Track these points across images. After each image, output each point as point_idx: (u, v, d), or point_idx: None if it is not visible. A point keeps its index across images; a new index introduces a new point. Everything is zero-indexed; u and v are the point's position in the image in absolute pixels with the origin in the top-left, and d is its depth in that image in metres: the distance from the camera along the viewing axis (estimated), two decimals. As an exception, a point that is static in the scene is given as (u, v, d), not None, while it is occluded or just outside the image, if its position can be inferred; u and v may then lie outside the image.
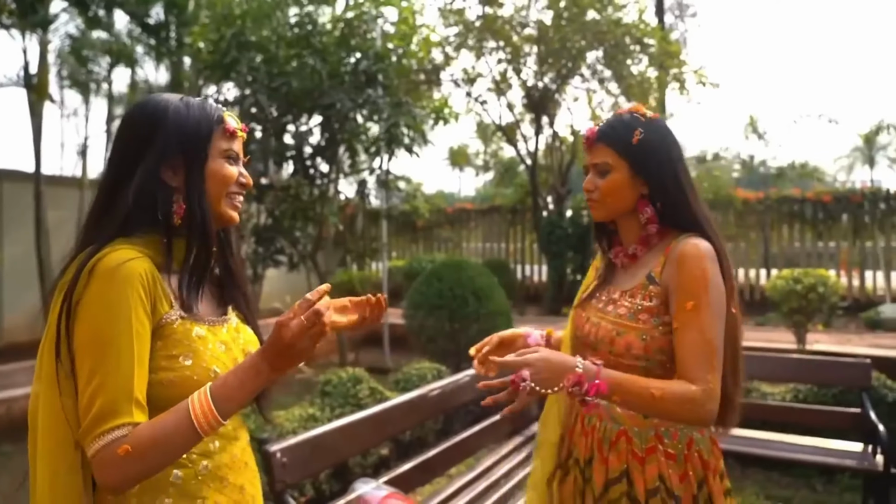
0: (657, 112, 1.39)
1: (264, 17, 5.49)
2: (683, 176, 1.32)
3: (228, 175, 1.10)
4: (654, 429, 1.30)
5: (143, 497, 1.00)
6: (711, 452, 1.33)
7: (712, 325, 1.22)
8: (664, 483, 1.27)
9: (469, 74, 10.73)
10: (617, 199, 1.34)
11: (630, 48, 9.26)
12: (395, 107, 5.69)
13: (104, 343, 0.95)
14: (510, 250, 11.70)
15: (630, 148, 1.31)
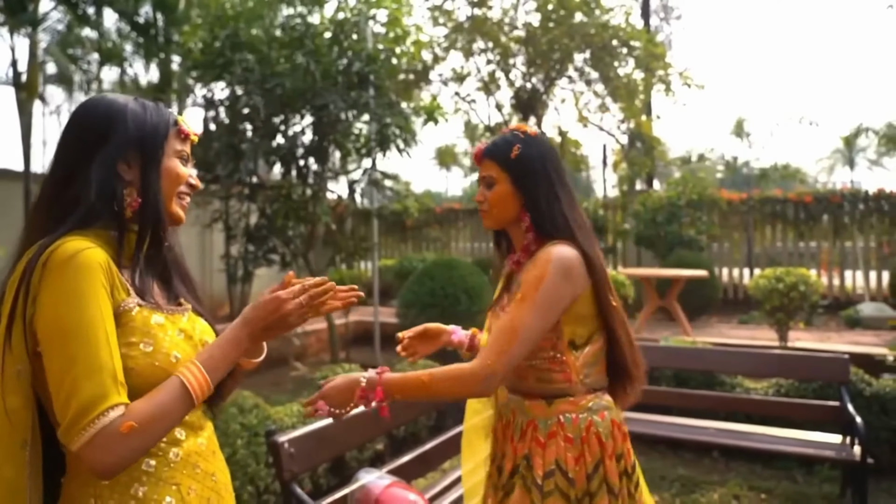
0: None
1: (257, 18, 5.53)
2: (559, 187, 1.46)
3: (182, 174, 1.13)
4: (556, 416, 1.42)
5: (115, 487, 1.01)
6: (610, 435, 1.42)
7: (526, 316, 1.33)
8: (559, 465, 1.38)
9: (458, 74, 10.83)
10: (502, 210, 1.48)
11: (617, 50, 9.41)
12: (386, 107, 5.76)
13: (74, 333, 0.95)
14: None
15: (510, 162, 1.45)
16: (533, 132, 1.51)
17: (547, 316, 1.36)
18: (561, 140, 10.62)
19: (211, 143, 5.74)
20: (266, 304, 1.06)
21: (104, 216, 1.05)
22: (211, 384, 1.03)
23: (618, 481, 1.39)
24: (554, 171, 1.47)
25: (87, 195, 1.03)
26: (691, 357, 4.04)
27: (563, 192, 1.46)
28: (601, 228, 9.90)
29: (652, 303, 7.16)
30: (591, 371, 1.46)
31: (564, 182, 1.48)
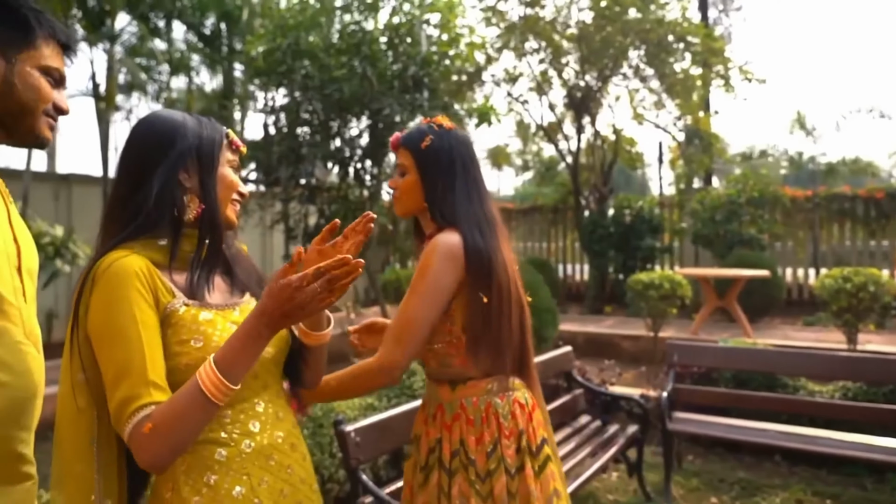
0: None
1: (316, 27, 5.72)
2: (461, 180, 1.49)
3: (234, 181, 1.22)
4: (459, 399, 1.49)
5: (190, 474, 1.08)
6: (509, 415, 1.46)
7: (416, 305, 1.42)
8: (463, 446, 1.45)
9: (510, 74, 10.84)
10: (409, 198, 1.54)
11: (673, 46, 9.22)
12: (439, 109, 5.86)
13: (112, 337, 1.02)
14: (551, 249, 11.76)
15: (420, 152, 1.51)
16: (449, 126, 1.55)
17: (435, 302, 1.43)
18: (615, 138, 10.48)
19: (272, 147, 5.98)
20: (279, 293, 1.01)
21: (164, 222, 1.13)
22: (225, 381, 1.01)
23: (514, 459, 1.43)
24: (461, 166, 1.50)
25: (150, 203, 1.11)
26: (751, 358, 3.95)
27: (465, 185, 1.49)
28: (657, 227, 9.72)
29: (710, 303, 7.01)
30: (481, 358, 1.49)
31: (472, 177, 1.52)
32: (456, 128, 1.56)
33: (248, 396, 1.14)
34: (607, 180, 10.35)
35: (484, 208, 1.52)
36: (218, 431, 1.09)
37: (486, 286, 1.45)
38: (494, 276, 1.46)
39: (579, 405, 3.68)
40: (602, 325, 8.16)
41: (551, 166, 13.52)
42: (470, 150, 1.54)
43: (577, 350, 7.36)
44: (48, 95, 1.16)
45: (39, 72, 1.14)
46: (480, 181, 1.55)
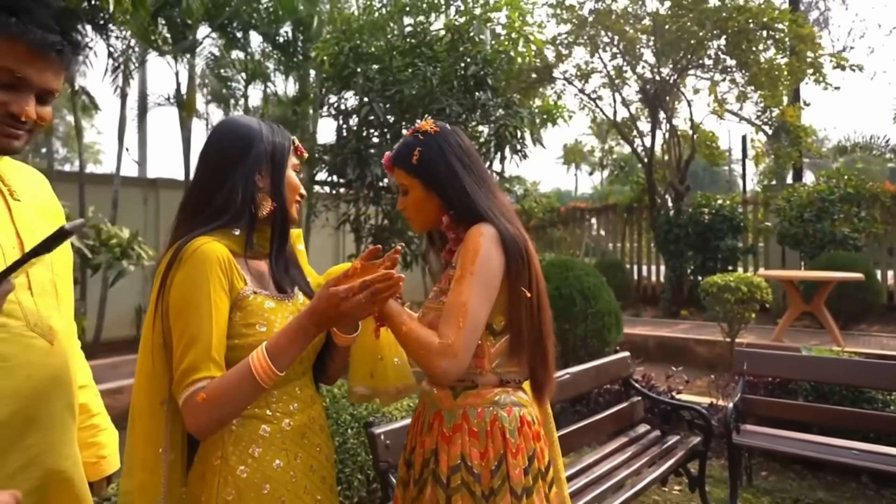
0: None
1: (379, 30, 5.80)
2: (466, 177, 1.43)
3: (297, 184, 1.35)
4: (461, 408, 1.37)
5: (237, 445, 1.20)
6: (517, 432, 1.36)
7: (470, 290, 1.30)
8: (465, 460, 1.33)
9: (582, 71, 10.58)
10: (422, 214, 1.47)
11: (756, 34, 8.68)
12: (502, 108, 5.79)
13: (189, 310, 1.15)
14: (626, 250, 11.39)
15: (413, 168, 1.44)
16: (432, 129, 1.47)
17: (489, 285, 1.33)
18: (693, 133, 10.00)
19: (341, 149, 6.11)
20: (328, 299, 1.13)
21: (244, 217, 1.25)
22: (273, 367, 1.12)
23: (522, 480, 1.33)
24: (458, 163, 1.44)
25: (235, 201, 1.24)
26: (835, 369, 3.62)
27: (473, 183, 1.43)
28: (738, 227, 9.19)
29: (795, 308, 6.54)
30: (505, 362, 1.40)
31: (473, 169, 1.45)
32: (442, 127, 1.49)
33: (292, 379, 1.27)
34: (684, 177, 9.90)
35: (500, 201, 1.45)
36: (264, 409, 1.22)
37: (527, 279, 1.38)
38: (533, 269, 1.40)
39: (637, 413, 3.52)
40: (676, 330, 7.80)
41: (626, 164, 13.09)
42: (461, 146, 1.47)
43: (648, 355, 7.11)
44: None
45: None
46: (485, 174, 1.48)
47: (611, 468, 2.96)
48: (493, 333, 1.38)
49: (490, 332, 1.38)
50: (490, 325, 1.37)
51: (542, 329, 1.42)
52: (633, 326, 8.04)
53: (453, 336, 1.27)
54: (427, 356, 1.28)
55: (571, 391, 3.13)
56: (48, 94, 1.14)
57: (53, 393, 1.19)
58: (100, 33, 7.35)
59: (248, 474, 1.19)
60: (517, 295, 1.37)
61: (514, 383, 1.42)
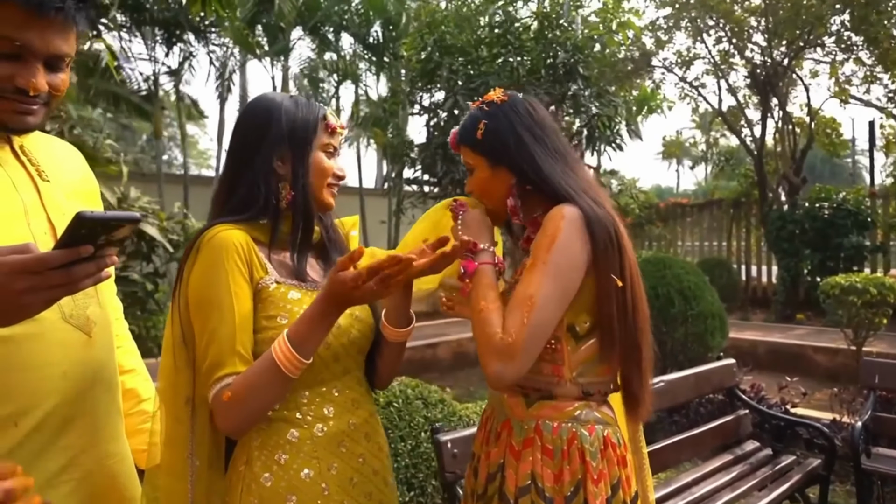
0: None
1: (464, 21, 5.66)
2: (540, 148, 1.23)
3: (327, 167, 1.19)
4: (535, 420, 1.18)
5: (263, 450, 1.10)
6: (599, 455, 1.16)
7: (540, 282, 1.11)
8: (535, 482, 1.15)
9: (683, 57, 9.94)
10: (489, 195, 1.28)
11: (888, 4, 7.74)
12: (594, 98, 5.48)
13: (208, 304, 1.08)
14: (732, 248, 10.58)
15: (479, 143, 1.26)
16: (499, 98, 1.28)
17: (565, 279, 1.12)
18: (810, 120, 9.10)
19: (429, 146, 6.04)
20: (339, 286, 1.03)
21: (265, 207, 1.15)
22: (297, 355, 1.03)
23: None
24: (531, 136, 1.24)
25: (256, 193, 1.14)
26: None
27: (547, 155, 1.23)
28: (865, 223, 8.25)
29: (935, 313, 5.73)
30: (590, 370, 1.19)
31: (547, 142, 1.24)
32: (511, 96, 1.29)
33: (328, 379, 1.15)
34: (800, 169, 9.03)
35: (580, 175, 1.25)
36: (294, 411, 1.12)
37: (618, 268, 1.16)
38: (626, 256, 1.18)
39: (744, 428, 3.14)
40: (791, 335, 7.09)
41: (731, 156, 12.17)
42: (534, 116, 1.26)
43: (758, 363, 6.50)
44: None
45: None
46: (563, 146, 1.27)
47: (712, 489, 2.64)
48: (575, 337, 1.18)
49: (572, 335, 1.18)
50: (572, 326, 1.17)
51: (637, 329, 1.20)
52: (741, 331, 7.42)
53: (515, 331, 1.09)
54: (485, 351, 1.11)
55: (666, 401, 2.83)
56: (58, 59, 1.02)
57: (93, 389, 1.11)
58: (200, 40, 7.77)
59: (273, 483, 1.09)
60: (607, 288, 1.15)
61: (599, 396, 1.22)
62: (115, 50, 8.03)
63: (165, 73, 7.99)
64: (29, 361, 1.01)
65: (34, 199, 1.08)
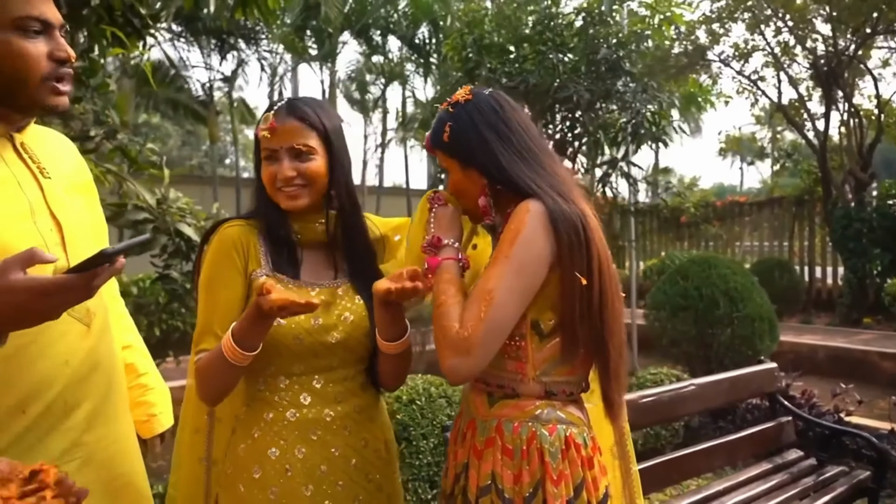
0: None
1: (505, 20, 5.63)
2: (502, 149, 1.20)
3: (270, 172, 1.23)
4: (496, 419, 1.18)
5: (244, 424, 1.23)
6: (559, 455, 1.13)
7: (501, 276, 1.10)
8: (496, 483, 1.14)
9: (741, 50, 9.54)
10: (465, 196, 1.26)
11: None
12: (639, 94, 5.34)
13: (204, 289, 1.22)
14: (795, 248, 10.08)
15: (447, 146, 1.25)
16: (464, 98, 1.25)
17: (527, 274, 1.11)
18: (879, 112, 8.57)
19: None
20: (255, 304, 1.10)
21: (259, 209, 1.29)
22: (238, 348, 1.11)
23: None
24: (491, 132, 1.21)
25: (256, 195, 1.30)
26: None
27: (512, 152, 1.20)
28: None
29: None
30: (553, 369, 1.17)
31: (513, 137, 1.21)
32: (477, 93, 1.26)
33: (307, 371, 1.22)
34: (868, 164, 8.52)
35: (550, 171, 1.21)
36: (273, 395, 1.21)
37: (584, 265, 1.13)
38: (594, 252, 1.15)
39: (786, 436, 2.98)
40: (855, 340, 6.70)
41: (794, 151, 11.59)
42: (498, 111, 1.22)
43: (817, 368, 6.18)
44: (34, 57, 1.01)
45: (13, 31, 1.00)
46: (531, 142, 1.23)
47: (747, 498, 2.52)
48: (539, 334, 1.16)
49: (536, 333, 1.16)
50: (536, 323, 1.16)
51: (604, 327, 1.16)
52: (801, 334, 7.07)
53: (471, 327, 1.07)
54: (441, 344, 1.10)
55: (697, 405, 2.73)
56: (61, 28, 1.08)
57: (93, 375, 1.17)
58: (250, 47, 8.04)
59: (245, 454, 1.21)
60: (571, 285, 1.13)
61: (564, 395, 1.19)
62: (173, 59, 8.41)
63: (220, 80, 8.35)
64: (34, 354, 1.07)
65: (38, 196, 1.12)
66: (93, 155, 3.02)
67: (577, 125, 5.67)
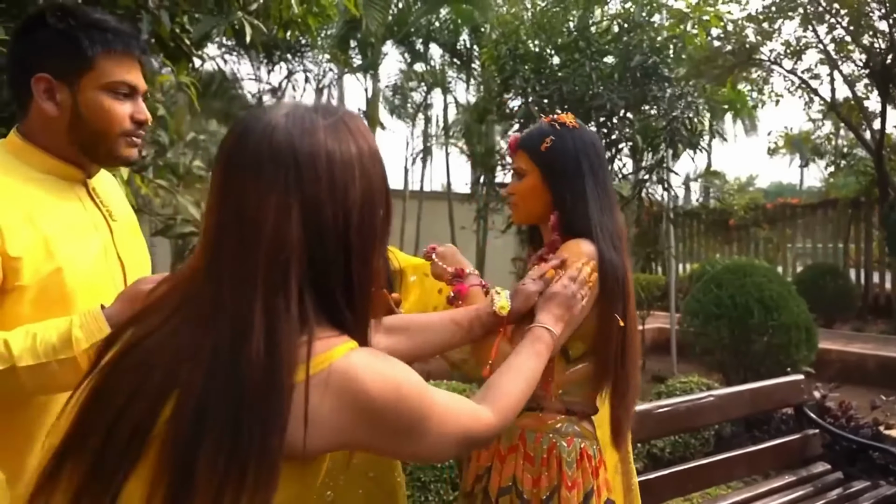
0: None
1: (540, 29, 5.69)
2: (590, 186, 1.33)
3: None
4: (520, 429, 1.30)
5: None
6: (575, 464, 1.27)
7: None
8: (516, 485, 1.28)
9: (792, 48, 9.27)
10: (529, 204, 1.40)
11: None
12: (675, 99, 5.31)
13: None
14: (850, 252, 9.71)
15: (540, 155, 1.36)
16: (573, 124, 1.38)
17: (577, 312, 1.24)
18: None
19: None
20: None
21: None
22: None
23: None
24: (588, 169, 1.34)
25: None
26: None
27: (594, 191, 1.33)
28: None
29: None
30: (575, 391, 1.32)
31: (600, 182, 1.35)
32: (581, 126, 1.39)
33: None
34: (927, 164, 8.15)
35: (614, 218, 1.36)
36: None
37: (622, 308, 1.29)
38: (630, 299, 1.32)
39: (811, 449, 2.96)
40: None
41: (849, 152, 11.14)
42: (597, 151, 1.37)
43: (866, 379, 5.96)
44: (119, 116, 1.15)
45: (105, 92, 1.13)
46: (609, 187, 1.39)
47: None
48: (567, 359, 1.31)
49: (564, 357, 1.30)
50: (565, 349, 1.30)
51: (626, 364, 1.32)
52: (851, 343, 6.83)
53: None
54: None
55: (715, 416, 2.75)
56: (143, 94, 1.22)
57: None
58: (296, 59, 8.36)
59: None
60: (609, 326, 1.28)
61: (581, 415, 1.33)
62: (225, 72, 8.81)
63: (269, 91, 8.72)
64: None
65: (108, 239, 1.23)
66: (146, 171, 3.29)
67: (614, 132, 5.67)
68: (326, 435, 0.71)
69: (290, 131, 0.73)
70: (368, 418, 0.73)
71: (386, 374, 0.75)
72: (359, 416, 0.72)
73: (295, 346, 0.69)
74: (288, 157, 0.72)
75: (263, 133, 0.73)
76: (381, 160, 0.81)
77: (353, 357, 0.73)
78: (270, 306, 0.69)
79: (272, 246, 0.70)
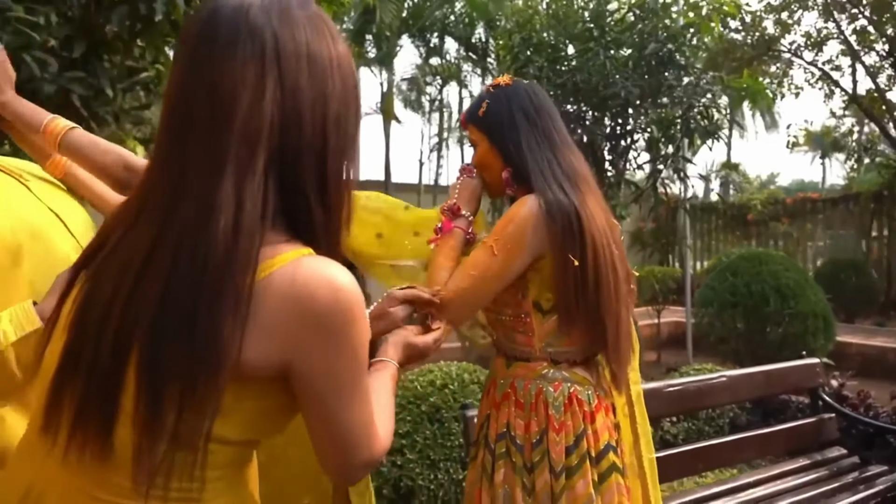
0: None
1: (553, 19, 5.67)
2: (526, 133, 1.34)
3: None
4: (511, 378, 1.36)
5: None
6: (562, 408, 1.31)
7: (485, 254, 1.27)
8: (510, 430, 1.33)
9: (813, 39, 9.14)
10: (488, 169, 1.41)
11: None
12: (691, 89, 5.26)
13: None
14: (872, 247, 9.55)
15: (481, 121, 1.40)
16: (506, 82, 1.43)
17: (507, 259, 1.26)
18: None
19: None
20: None
21: None
22: None
23: (563, 460, 1.28)
24: (523, 118, 1.36)
25: None
26: None
27: (533, 137, 1.34)
28: None
29: None
30: (555, 341, 1.34)
31: (542, 127, 1.36)
32: (514, 82, 1.42)
33: None
34: (951, 156, 7.99)
35: (565, 159, 1.35)
36: None
37: (576, 247, 1.26)
38: (587, 239, 1.27)
39: (827, 433, 2.92)
40: (934, 344, 6.30)
41: (871, 146, 10.93)
42: (534, 99, 1.38)
43: (887, 372, 5.86)
44: None
45: None
46: (555, 131, 1.37)
47: (774, 492, 2.51)
48: (541, 311, 1.34)
49: (538, 310, 1.33)
50: (538, 302, 1.33)
51: (599, 304, 1.30)
52: (872, 337, 6.73)
53: (449, 293, 1.25)
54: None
55: (726, 397, 2.73)
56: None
57: None
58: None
59: None
60: (564, 267, 1.27)
61: (567, 363, 1.36)
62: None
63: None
64: None
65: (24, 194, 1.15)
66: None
67: (629, 121, 5.64)
68: (264, 344, 0.66)
69: (267, 10, 0.70)
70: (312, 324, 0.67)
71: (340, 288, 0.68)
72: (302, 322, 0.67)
73: (258, 233, 0.66)
74: (266, 32, 0.69)
75: (239, 9, 0.70)
76: (353, 66, 0.78)
77: (305, 262, 0.68)
78: (240, 187, 0.65)
79: (246, 123, 0.66)
